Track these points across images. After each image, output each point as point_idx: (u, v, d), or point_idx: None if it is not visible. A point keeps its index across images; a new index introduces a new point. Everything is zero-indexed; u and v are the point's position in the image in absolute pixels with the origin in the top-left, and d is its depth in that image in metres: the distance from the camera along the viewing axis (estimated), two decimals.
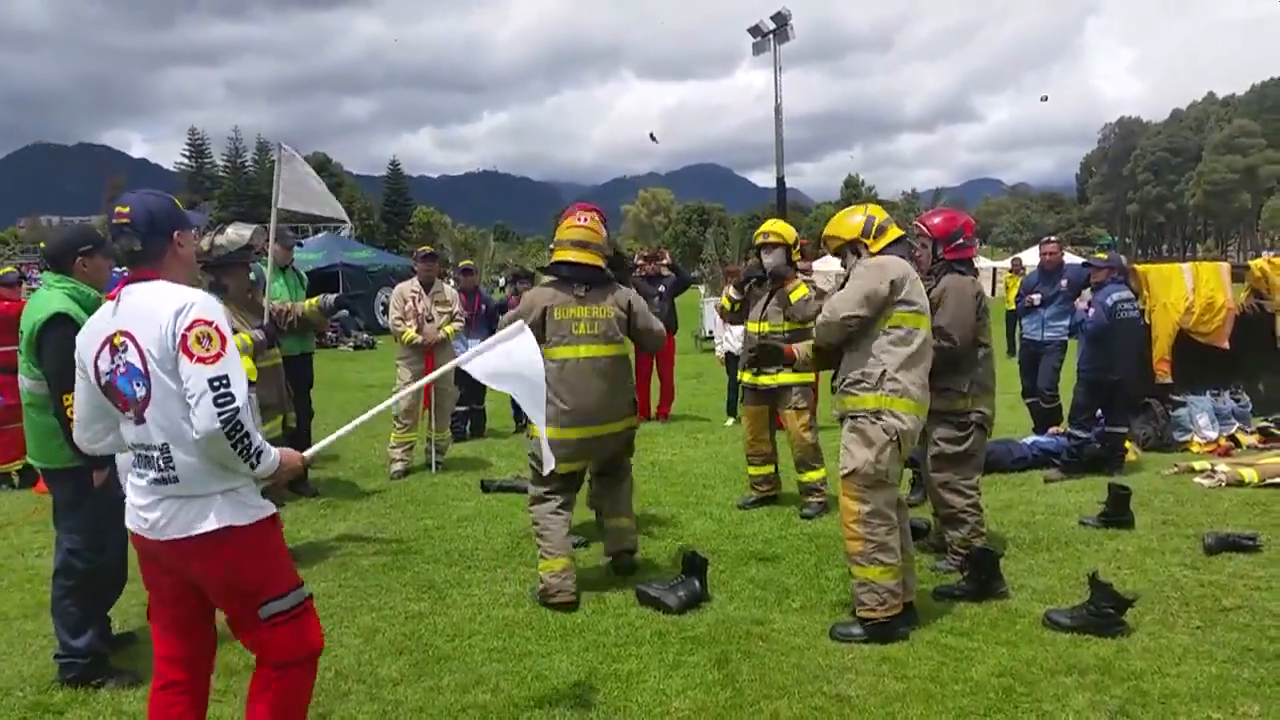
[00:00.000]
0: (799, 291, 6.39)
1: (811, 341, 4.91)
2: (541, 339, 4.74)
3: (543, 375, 3.70)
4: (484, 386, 10.31)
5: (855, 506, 4.37)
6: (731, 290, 6.91)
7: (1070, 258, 13.44)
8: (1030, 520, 6.31)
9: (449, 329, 8.46)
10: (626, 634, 4.46)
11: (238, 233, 5.20)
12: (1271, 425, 8.68)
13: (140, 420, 2.76)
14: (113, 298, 2.83)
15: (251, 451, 2.71)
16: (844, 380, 4.49)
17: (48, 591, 5.14)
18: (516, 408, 10.70)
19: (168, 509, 2.76)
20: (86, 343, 2.85)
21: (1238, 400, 8.81)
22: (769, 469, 6.89)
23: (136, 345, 2.71)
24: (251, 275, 5.75)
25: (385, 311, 12.18)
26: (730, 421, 10.61)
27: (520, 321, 4.03)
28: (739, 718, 3.63)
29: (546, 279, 5.27)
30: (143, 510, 2.80)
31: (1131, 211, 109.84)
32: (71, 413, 3.61)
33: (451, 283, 10.33)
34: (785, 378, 6.53)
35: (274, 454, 2.80)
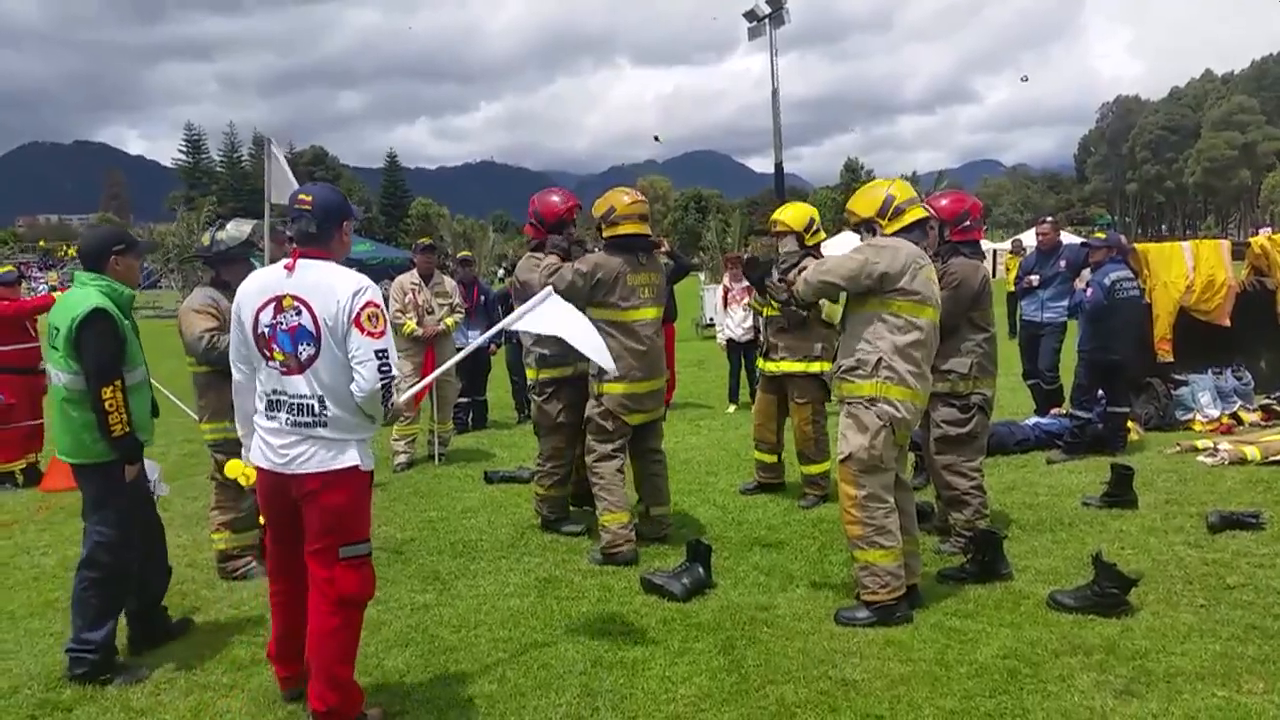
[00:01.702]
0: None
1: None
2: (603, 301, 5.43)
3: (586, 321, 4.17)
4: (486, 378, 10.41)
5: (852, 491, 4.40)
6: (756, 298, 6.87)
7: (1069, 238, 13.38)
8: (1033, 501, 6.31)
9: (449, 321, 8.46)
10: (632, 622, 4.47)
11: (238, 228, 5.22)
12: (1274, 402, 8.69)
13: (296, 373, 3.32)
14: (290, 268, 3.34)
15: (389, 406, 3.37)
16: (841, 367, 4.50)
17: (54, 590, 5.20)
18: (518, 399, 10.74)
19: (312, 446, 3.32)
20: (251, 297, 3.39)
21: (1239, 378, 8.81)
22: (772, 458, 6.86)
23: (312, 312, 3.28)
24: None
25: (385, 304, 12.15)
26: (732, 408, 10.61)
27: (549, 288, 4.37)
28: (744, 703, 3.64)
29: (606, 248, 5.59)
30: (283, 448, 3.34)
31: (1131, 191, 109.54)
32: (110, 405, 3.90)
33: (451, 274, 10.31)
34: (789, 366, 6.48)
35: (396, 403, 3.43)
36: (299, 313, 3.30)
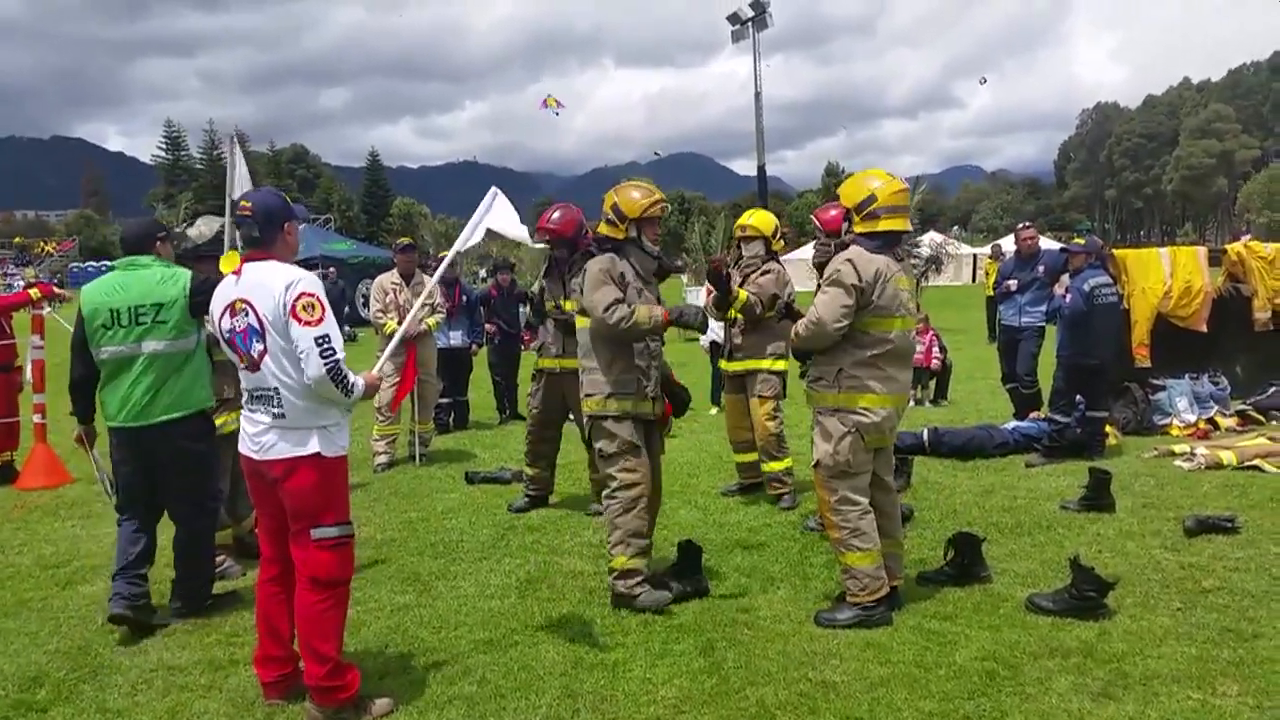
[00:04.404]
0: (740, 302, 6.06)
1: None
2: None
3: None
4: (468, 378, 10.38)
5: (825, 496, 4.45)
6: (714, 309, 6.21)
7: (1048, 243, 13.53)
8: (1012, 505, 6.35)
9: (430, 321, 8.42)
10: (612, 623, 4.47)
11: (208, 226, 5.19)
12: (1249, 408, 8.77)
13: (256, 369, 3.52)
14: (238, 273, 3.55)
15: (348, 386, 3.49)
16: (809, 377, 4.56)
17: (29, 589, 5.17)
18: (499, 399, 10.71)
19: (276, 436, 3.52)
20: (216, 305, 3.63)
21: (1216, 383, 8.90)
22: (752, 456, 6.86)
23: (255, 311, 3.47)
24: None
25: (366, 304, 12.12)
26: (714, 410, 10.63)
27: (494, 189, 4.59)
28: (725, 705, 3.64)
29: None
30: (255, 437, 3.56)
31: (1110, 197, 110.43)
32: None
33: (432, 274, 10.29)
34: (752, 364, 6.54)
35: (360, 382, 3.57)
36: (247, 314, 3.51)
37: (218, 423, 5.17)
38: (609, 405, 4.77)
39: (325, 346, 3.42)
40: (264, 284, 3.48)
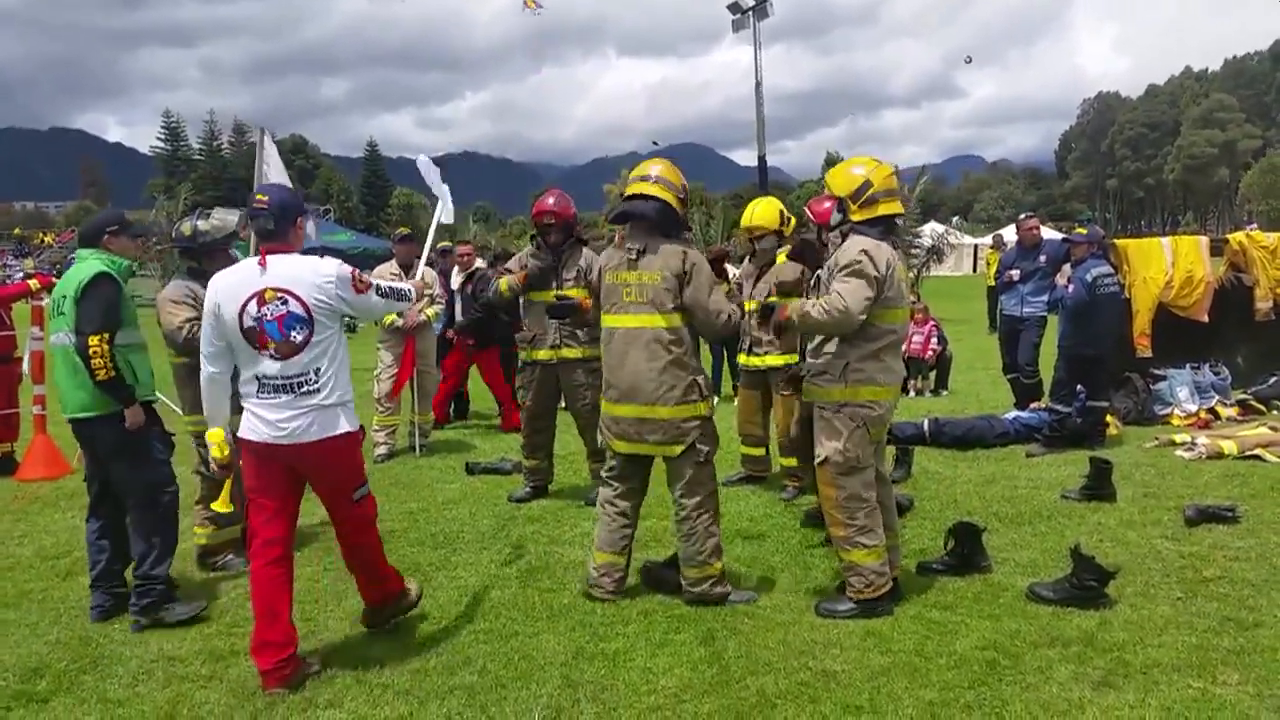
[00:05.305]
0: (780, 259, 6.19)
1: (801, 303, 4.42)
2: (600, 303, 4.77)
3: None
4: (468, 369, 10.36)
5: (831, 493, 4.40)
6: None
7: (1049, 233, 13.50)
8: (1013, 494, 6.35)
9: (429, 311, 8.39)
10: (613, 613, 4.47)
11: (223, 218, 5.15)
12: (1250, 397, 8.77)
13: (290, 355, 3.69)
14: (263, 264, 3.70)
15: (405, 295, 4.17)
16: (810, 371, 4.49)
17: (29, 580, 5.17)
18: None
19: (310, 417, 3.72)
20: (229, 294, 3.71)
21: (1217, 373, 8.90)
22: (760, 451, 6.88)
23: (299, 300, 3.68)
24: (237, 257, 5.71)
25: None
26: (714, 400, 10.61)
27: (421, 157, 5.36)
28: (725, 694, 3.64)
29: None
30: (280, 423, 3.71)
31: (1111, 187, 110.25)
32: (94, 352, 4.31)
33: (431, 265, 10.24)
34: (773, 359, 6.47)
35: (410, 287, 4.24)
36: (284, 302, 3.67)
37: (186, 419, 5.20)
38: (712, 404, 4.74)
39: (387, 296, 3.99)
40: (302, 276, 3.72)
